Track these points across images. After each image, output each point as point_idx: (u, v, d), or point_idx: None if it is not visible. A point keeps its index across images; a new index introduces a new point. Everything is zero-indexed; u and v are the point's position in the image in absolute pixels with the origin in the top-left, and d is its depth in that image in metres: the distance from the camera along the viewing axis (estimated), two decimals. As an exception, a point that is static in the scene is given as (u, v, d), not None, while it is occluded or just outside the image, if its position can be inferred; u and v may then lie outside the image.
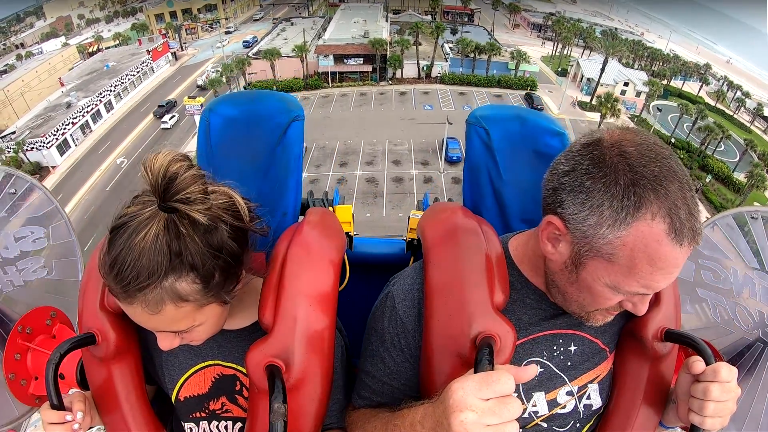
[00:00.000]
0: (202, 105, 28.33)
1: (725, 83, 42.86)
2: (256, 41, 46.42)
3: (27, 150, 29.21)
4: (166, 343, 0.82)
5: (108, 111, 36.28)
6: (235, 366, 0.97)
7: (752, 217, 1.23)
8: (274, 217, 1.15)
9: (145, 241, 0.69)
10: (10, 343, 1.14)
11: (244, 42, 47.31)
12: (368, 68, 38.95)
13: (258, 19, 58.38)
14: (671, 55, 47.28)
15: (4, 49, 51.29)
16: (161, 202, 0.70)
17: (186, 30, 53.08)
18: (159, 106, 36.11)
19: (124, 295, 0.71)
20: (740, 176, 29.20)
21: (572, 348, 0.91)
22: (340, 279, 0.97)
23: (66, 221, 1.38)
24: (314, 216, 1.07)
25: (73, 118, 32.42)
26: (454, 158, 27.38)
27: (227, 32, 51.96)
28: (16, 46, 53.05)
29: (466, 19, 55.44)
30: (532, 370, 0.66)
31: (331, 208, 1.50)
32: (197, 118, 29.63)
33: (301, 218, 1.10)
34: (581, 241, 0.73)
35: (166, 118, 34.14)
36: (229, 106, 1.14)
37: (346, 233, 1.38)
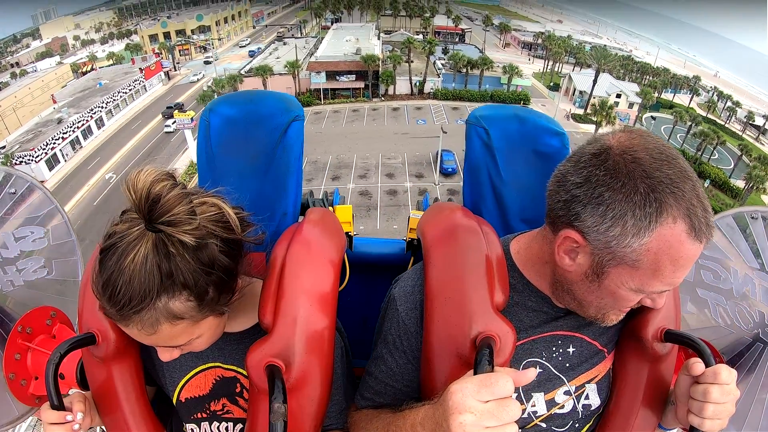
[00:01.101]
0: (192, 119, 28.23)
1: (715, 93, 43.44)
2: (261, 50, 47.34)
3: (15, 164, 28.73)
4: (166, 356, 0.82)
5: (99, 128, 36.23)
6: (235, 368, 0.96)
7: (752, 217, 1.21)
8: (274, 217, 1.14)
9: (134, 263, 0.68)
10: (10, 343, 1.13)
11: (249, 52, 49.39)
12: (360, 85, 39.22)
13: (244, 46, 57.83)
14: (661, 68, 48.08)
15: (-1, 67, 51.51)
16: (147, 224, 0.69)
17: (179, 51, 53.54)
18: (168, 108, 38.56)
19: (119, 317, 0.71)
20: (736, 182, 29.36)
21: (570, 350, 0.90)
22: (340, 279, 0.97)
23: (66, 221, 1.36)
24: (314, 216, 1.07)
25: (63, 134, 32.27)
26: (449, 170, 27.08)
27: (206, 62, 51.11)
28: (12, 65, 53.31)
29: (457, 39, 56.47)
30: (531, 374, 0.66)
31: (331, 208, 1.49)
32: (188, 132, 30.19)
33: (301, 218, 1.09)
34: (603, 252, 0.73)
35: (169, 122, 35.25)
36: (229, 106, 1.13)
37: (346, 233, 1.37)
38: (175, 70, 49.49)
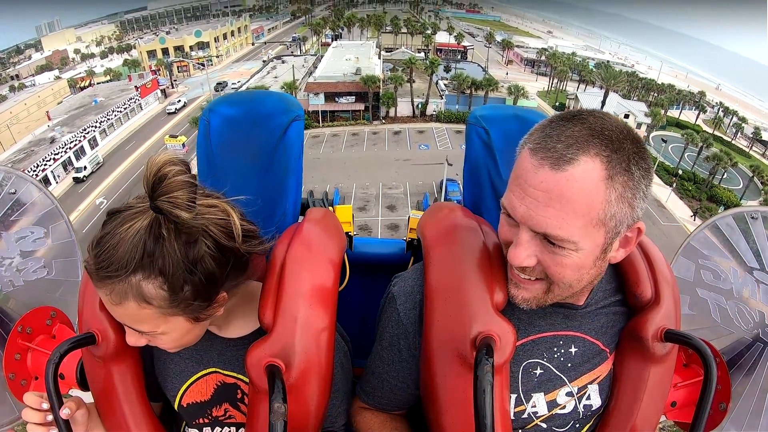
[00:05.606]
0: (184, 144, 27.25)
1: (720, 109, 42.50)
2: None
3: (3, 186, 27.52)
4: (132, 338, 0.82)
5: (92, 148, 35.13)
6: (235, 375, 0.95)
7: (752, 217, 1.20)
8: (274, 217, 1.14)
9: (126, 233, 0.71)
10: (10, 343, 1.14)
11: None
12: (360, 107, 38.15)
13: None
14: (666, 84, 47.20)
15: None
16: (150, 201, 0.72)
17: (178, 68, 52.68)
18: (218, 84, 43.98)
19: (95, 276, 0.73)
20: (747, 203, 28.21)
21: (572, 350, 0.90)
22: (340, 279, 0.98)
23: (66, 221, 1.35)
24: (314, 216, 1.08)
25: (55, 154, 31.29)
26: (454, 202, 25.80)
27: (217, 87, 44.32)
28: (12, 78, 52.70)
29: (459, 57, 55.66)
30: None
31: (331, 208, 1.49)
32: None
33: (301, 218, 1.10)
34: None
35: (171, 105, 41.63)
36: (229, 105, 1.13)
37: (346, 233, 1.36)
38: (173, 88, 48.52)
